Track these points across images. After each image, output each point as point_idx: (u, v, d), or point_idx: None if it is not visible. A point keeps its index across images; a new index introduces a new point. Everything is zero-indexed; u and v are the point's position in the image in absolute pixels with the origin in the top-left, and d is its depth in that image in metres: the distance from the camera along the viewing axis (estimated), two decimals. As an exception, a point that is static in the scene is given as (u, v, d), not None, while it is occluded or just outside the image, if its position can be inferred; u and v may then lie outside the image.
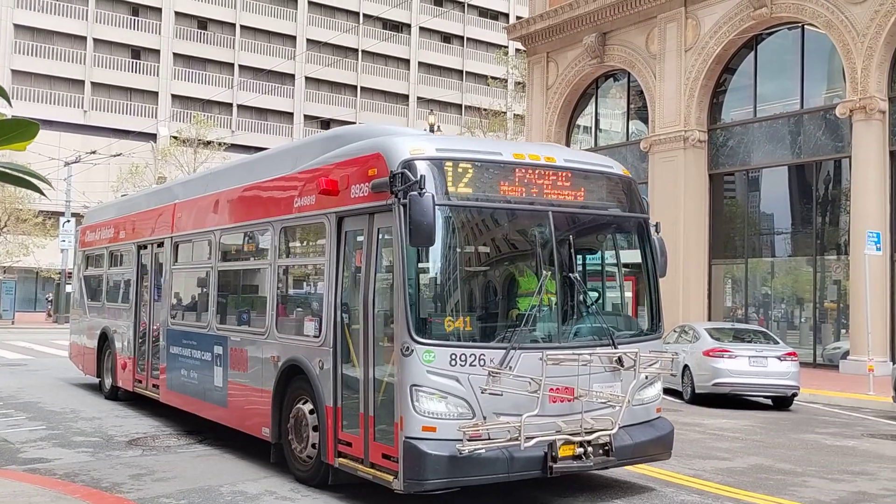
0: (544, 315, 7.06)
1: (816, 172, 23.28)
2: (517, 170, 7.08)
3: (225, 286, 10.30)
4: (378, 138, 7.42)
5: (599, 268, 8.26)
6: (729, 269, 25.22)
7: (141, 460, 9.01)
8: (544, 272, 7.03)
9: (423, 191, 6.36)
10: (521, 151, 7.30)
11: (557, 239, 7.13)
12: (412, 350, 6.37)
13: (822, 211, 23.33)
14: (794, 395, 15.15)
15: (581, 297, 7.47)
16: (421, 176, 6.48)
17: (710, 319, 23.83)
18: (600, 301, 8.03)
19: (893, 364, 15.75)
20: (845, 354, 21.00)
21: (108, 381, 13.88)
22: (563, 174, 7.33)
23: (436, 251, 6.67)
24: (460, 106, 64.37)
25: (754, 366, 14.75)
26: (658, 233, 8.14)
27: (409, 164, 6.62)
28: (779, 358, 14.94)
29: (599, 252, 8.34)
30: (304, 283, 8.78)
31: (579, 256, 7.68)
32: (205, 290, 10.51)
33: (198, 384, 10.26)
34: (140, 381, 12.45)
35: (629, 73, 27.16)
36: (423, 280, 6.81)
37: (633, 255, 8.05)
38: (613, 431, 6.85)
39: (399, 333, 6.47)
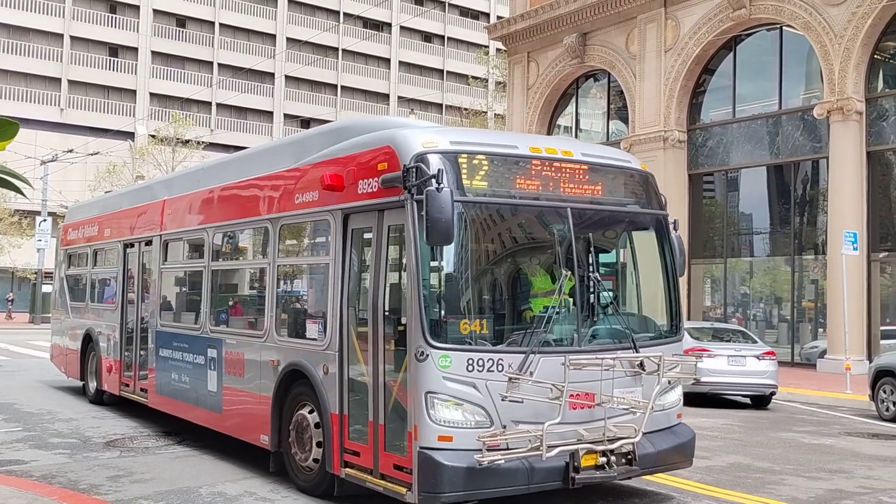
0: (564, 317, 6.76)
1: (794, 173, 23.49)
2: (534, 164, 6.78)
3: (219, 286, 9.95)
4: (387, 131, 7.08)
5: (619, 267, 7.86)
6: (708, 269, 25.38)
7: (119, 462, 8.91)
8: (563, 272, 6.73)
9: (441, 186, 6.01)
10: (537, 145, 6.98)
11: (576, 236, 6.82)
12: (427, 355, 6.05)
13: (800, 211, 23.54)
14: (773, 393, 15.26)
15: (601, 298, 7.14)
16: (438, 170, 6.12)
17: (689, 319, 23.95)
18: (619, 302, 7.63)
19: (870, 363, 15.91)
20: (823, 353, 21.19)
21: (92, 385, 13.48)
22: (581, 168, 7.01)
23: (452, 250, 6.35)
24: (441, 105, 64.35)
25: (733, 365, 14.84)
26: (676, 230, 7.79)
27: (422, 158, 6.30)
28: (757, 357, 15.04)
29: (618, 250, 7.89)
30: (307, 284, 8.37)
31: (598, 255, 7.24)
32: (197, 290, 10.09)
33: (190, 389, 9.89)
34: (127, 385, 12.06)
35: (609, 74, 27.26)
36: (438, 280, 6.42)
37: (651, 253, 7.66)
38: (636, 439, 6.56)
39: (413, 337, 6.16)
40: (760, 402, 15.29)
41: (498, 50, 47.90)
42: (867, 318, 20.62)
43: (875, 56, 20.99)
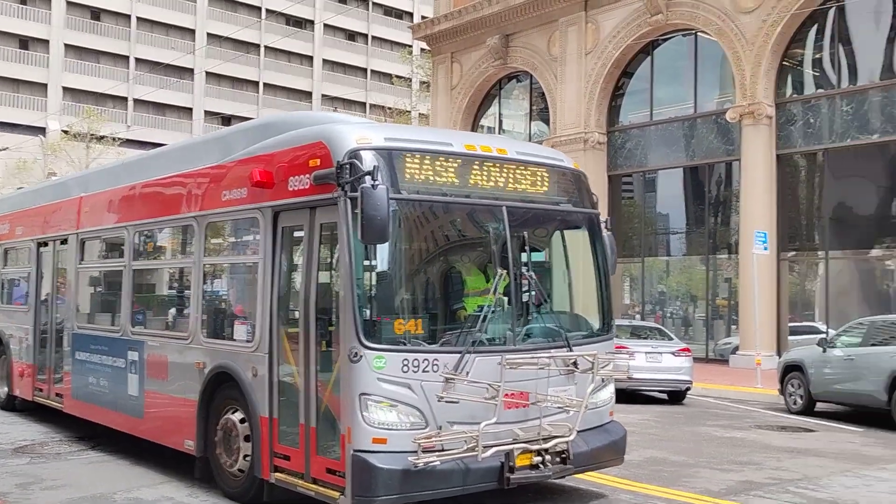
0: (499, 316, 6.71)
1: (709, 174, 24.23)
2: (470, 161, 6.73)
3: (141, 287, 9.66)
4: (320, 126, 6.97)
5: (552, 266, 7.87)
6: (627, 268, 25.93)
7: (28, 468, 8.61)
8: (499, 270, 6.67)
9: (376, 183, 5.90)
10: (472, 142, 6.94)
11: (512, 235, 6.75)
12: (361, 356, 5.95)
13: (714, 211, 24.29)
14: (688, 389, 15.70)
15: (536, 297, 7.08)
16: (373, 167, 6.02)
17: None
18: (553, 300, 7.60)
19: (779, 358, 16.52)
20: (735, 349, 21.91)
21: (3, 390, 12.88)
22: (516, 167, 6.99)
23: (386, 248, 6.26)
24: (364, 104, 64.09)
25: (651, 362, 15.21)
26: (609, 229, 7.87)
27: (356, 154, 6.17)
28: (673, 354, 15.45)
29: (552, 249, 7.87)
30: (234, 283, 8.16)
31: (532, 253, 7.17)
32: (117, 290, 9.73)
33: (109, 393, 9.53)
34: (41, 390, 11.55)
35: (531, 75, 27.61)
36: (372, 280, 6.35)
37: (584, 252, 7.69)
38: (571, 438, 6.57)
39: (346, 338, 6.05)
40: (676, 397, 15.71)
41: (422, 50, 47.99)
42: (777, 315, 21.42)
43: (784, 63, 21.81)
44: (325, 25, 64.76)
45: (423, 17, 53.14)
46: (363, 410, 5.98)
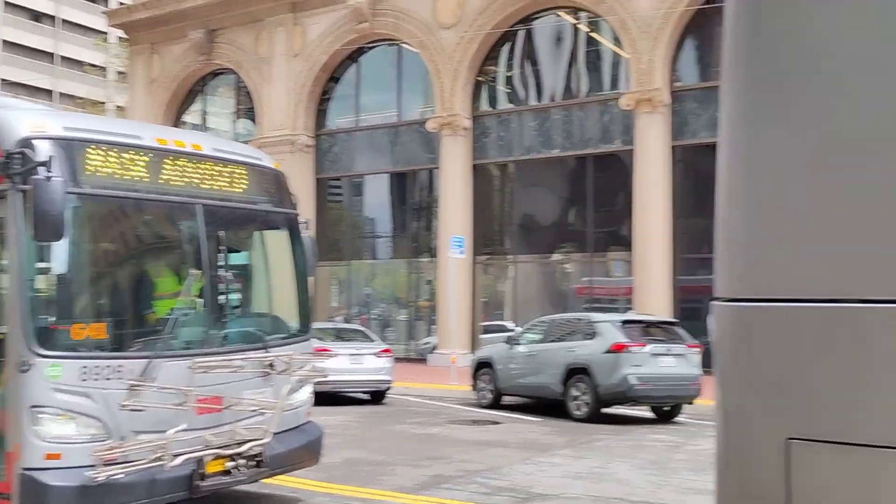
0: (192, 319, 6.54)
1: (413, 181, 25.23)
2: (161, 157, 6.41)
3: None
4: None
5: (249, 267, 7.76)
6: (334, 271, 26.20)
7: None
8: (192, 272, 6.46)
9: (51, 175, 5.44)
10: (164, 136, 6.64)
11: (206, 235, 6.55)
12: (32, 364, 5.51)
13: (417, 217, 25.34)
14: (388, 388, 16.17)
15: (230, 299, 7.04)
16: (49, 157, 5.55)
17: (315, 320, 24.49)
18: (250, 302, 7.61)
19: (473, 355, 17.59)
20: (434, 348, 23.00)
21: None
22: (213, 164, 6.78)
23: (63, 247, 5.82)
24: (51, 92, 58.74)
25: (353, 363, 15.45)
26: (308, 231, 7.85)
27: (29, 143, 5.66)
28: (375, 355, 15.83)
29: (250, 250, 7.82)
30: None
31: (228, 254, 7.08)
32: None
33: None
34: None
35: (238, 74, 26.97)
36: (46, 281, 5.93)
37: (282, 253, 7.63)
38: (266, 441, 6.48)
39: (14, 345, 5.59)
40: (378, 397, 16.11)
41: (119, 38, 45.05)
42: (472, 315, 22.80)
43: (479, 78, 23.31)
44: (6, 3, 58.48)
45: (120, 3, 49.82)
46: (34, 424, 5.52)
